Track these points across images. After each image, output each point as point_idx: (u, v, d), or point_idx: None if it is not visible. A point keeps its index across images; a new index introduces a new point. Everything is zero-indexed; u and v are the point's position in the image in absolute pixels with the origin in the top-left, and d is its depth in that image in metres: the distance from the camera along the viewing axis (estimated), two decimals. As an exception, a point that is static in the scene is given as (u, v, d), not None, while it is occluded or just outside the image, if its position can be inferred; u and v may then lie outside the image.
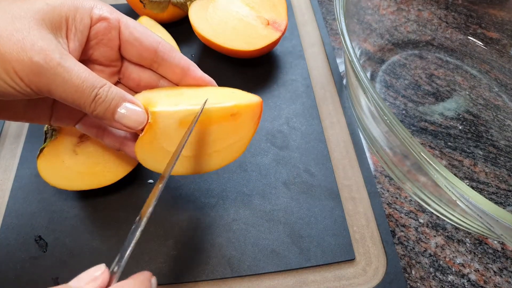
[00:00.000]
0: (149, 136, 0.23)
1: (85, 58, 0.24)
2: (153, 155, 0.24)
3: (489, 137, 0.37)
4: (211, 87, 0.25)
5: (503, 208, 0.21)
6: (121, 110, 0.21)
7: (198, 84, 0.25)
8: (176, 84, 0.26)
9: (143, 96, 0.24)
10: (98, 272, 0.18)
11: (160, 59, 0.24)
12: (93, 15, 0.22)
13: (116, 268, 0.19)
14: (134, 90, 0.26)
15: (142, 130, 0.22)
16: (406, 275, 0.29)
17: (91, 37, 0.22)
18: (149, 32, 0.24)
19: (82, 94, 0.20)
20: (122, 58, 0.25)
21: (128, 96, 0.22)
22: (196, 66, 0.25)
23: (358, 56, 0.42)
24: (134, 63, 0.25)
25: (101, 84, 0.20)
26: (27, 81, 0.19)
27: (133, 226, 0.19)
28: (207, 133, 0.24)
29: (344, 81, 0.40)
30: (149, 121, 0.22)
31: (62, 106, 0.24)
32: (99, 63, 0.24)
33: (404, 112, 0.38)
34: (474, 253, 0.31)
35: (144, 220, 0.19)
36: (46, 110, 0.24)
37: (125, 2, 0.45)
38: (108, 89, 0.21)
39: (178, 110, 0.23)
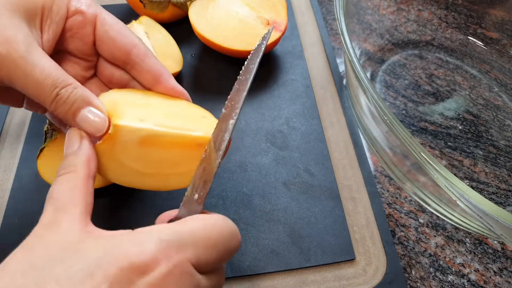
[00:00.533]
0: (107, 146, 0.22)
1: (61, 49, 0.23)
2: (107, 164, 0.22)
3: (489, 137, 0.37)
4: (183, 103, 0.24)
5: (503, 208, 0.21)
6: (83, 114, 0.20)
7: (169, 94, 0.24)
8: (148, 89, 0.25)
9: (110, 98, 0.23)
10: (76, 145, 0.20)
11: (132, 62, 0.23)
12: (70, 7, 0.21)
13: (196, 196, 0.20)
14: (107, 85, 0.26)
15: (101, 137, 0.22)
16: (406, 275, 0.29)
17: (66, 29, 0.22)
18: (126, 32, 0.23)
19: (42, 91, 0.19)
20: (97, 53, 0.24)
21: (93, 100, 0.21)
22: (170, 75, 0.24)
23: (358, 56, 0.42)
24: (108, 60, 0.24)
25: (65, 83, 0.20)
26: None
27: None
28: (170, 154, 0.23)
29: (344, 81, 0.40)
30: (109, 131, 0.21)
31: None
32: (74, 55, 0.24)
33: (404, 112, 0.38)
34: (474, 253, 0.31)
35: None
36: (18, 95, 0.24)
37: (125, 2, 0.45)
38: (72, 90, 0.20)
39: (141, 128, 0.21)
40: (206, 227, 0.18)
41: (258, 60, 0.24)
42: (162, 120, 0.22)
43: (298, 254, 0.29)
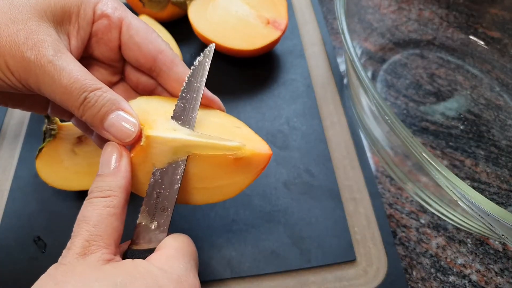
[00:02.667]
0: (138, 159, 0.21)
1: (87, 55, 0.23)
2: (137, 178, 0.21)
3: (491, 137, 0.37)
4: (215, 112, 0.23)
5: (505, 209, 0.21)
6: (112, 118, 0.19)
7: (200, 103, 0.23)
8: (176, 97, 0.23)
9: (139, 106, 0.22)
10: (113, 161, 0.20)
11: (158, 69, 0.22)
12: (96, 10, 0.21)
13: (156, 224, 0.20)
14: (135, 90, 0.25)
15: (132, 144, 0.21)
16: (407, 275, 0.29)
17: (92, 34, 0.21)
18: (153, 37, 0.22)
19: (70, 96, 0.18)
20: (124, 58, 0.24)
21: (123, 104, 0.20)
22: None
23: (359, 55, 0.41)
24: (133, 66, 0.24)
25: (94, 87, 0.19)
26: (17, 77, 0.18)
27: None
28: (201, 167, 0.21)
29: (345, 81, 0.40)
30: (141, 143, 0.20)
31: None
32: (100, 60, 0.23)
33: (405, 111, 0.38)
34: (475, 253, 0.30)
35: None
36: (42, 101, 0.23)
37: (124, 0, 0.45)
38: (101, 94, 0.19)
39: (175, 139, 0.20)
40: (188, 248, 0.19)
41: (204, 79, 0.22)
42: (195, 130, 0.21)
43: (299, 255, 0.28)
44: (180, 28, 0.42)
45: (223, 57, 0.40)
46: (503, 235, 0.22)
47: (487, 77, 0.41)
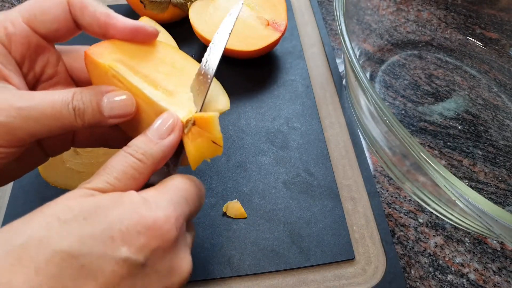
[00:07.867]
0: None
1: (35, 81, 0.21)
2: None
3: (488, 137, 0.37)
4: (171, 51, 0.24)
5: (502, 208, 0.21)
6: (106, 104, 0.20)
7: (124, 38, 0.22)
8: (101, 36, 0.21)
9: (114, 59, 0.21)
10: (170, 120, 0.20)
11: (77, 11, 0.20)
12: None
13: (166, 169, 0.21)
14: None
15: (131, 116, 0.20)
16: (406, 274, 0.30)
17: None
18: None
19: (60, 116, 0.18)
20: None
21: (103, 87, 0.20)
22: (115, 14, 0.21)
23: (357, 56, 0.42)
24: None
25: (70, 95, 0.19)
26: (6, 145, 0.18)
27: None
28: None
29: (344, 81, 0.40)
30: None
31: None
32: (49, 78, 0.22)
33: (403, 112, 0.39)
34: (474, 252, 0.31)
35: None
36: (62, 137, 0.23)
37: (125, 2, 0.45)
38: (80, 94, 0.19)
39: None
40: (188, 184, 0.20)
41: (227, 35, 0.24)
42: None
43: (298, 254, 0.29)
44: (180, 29, 0.42)
45: (223, 58, 0.40)
46: (501, 234, 0.22)
47: (485, 78, 0.41)
